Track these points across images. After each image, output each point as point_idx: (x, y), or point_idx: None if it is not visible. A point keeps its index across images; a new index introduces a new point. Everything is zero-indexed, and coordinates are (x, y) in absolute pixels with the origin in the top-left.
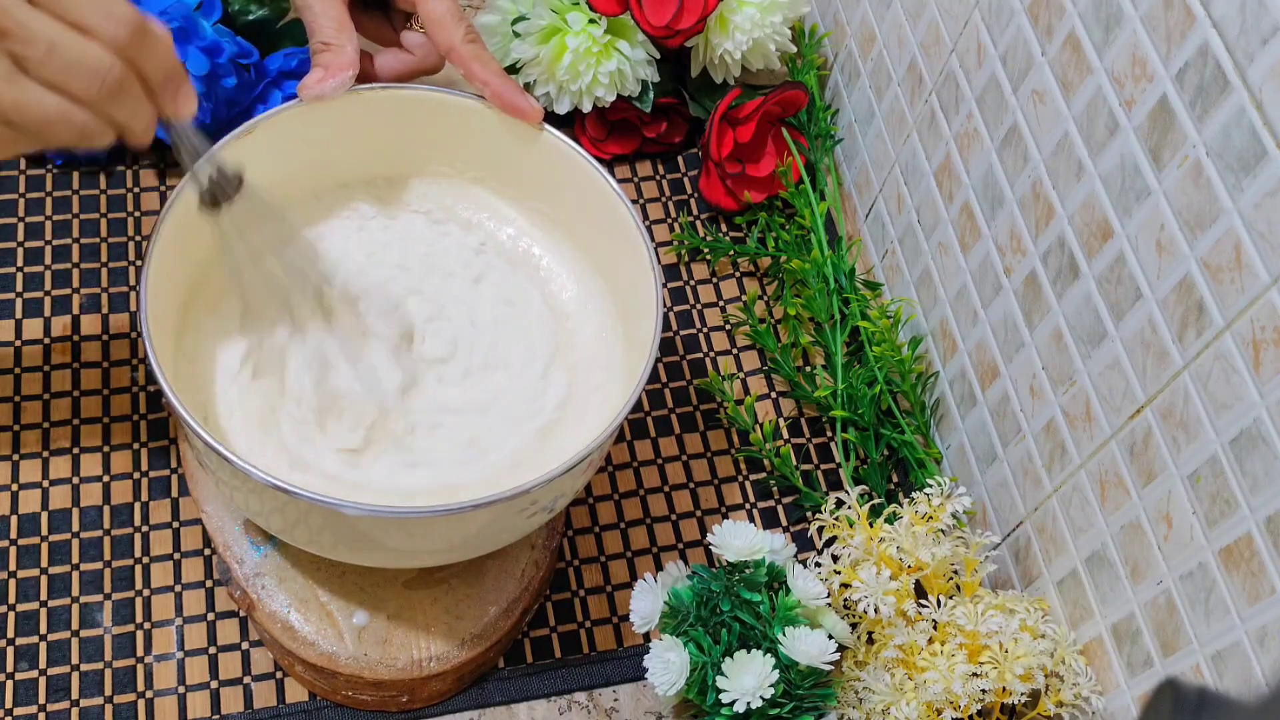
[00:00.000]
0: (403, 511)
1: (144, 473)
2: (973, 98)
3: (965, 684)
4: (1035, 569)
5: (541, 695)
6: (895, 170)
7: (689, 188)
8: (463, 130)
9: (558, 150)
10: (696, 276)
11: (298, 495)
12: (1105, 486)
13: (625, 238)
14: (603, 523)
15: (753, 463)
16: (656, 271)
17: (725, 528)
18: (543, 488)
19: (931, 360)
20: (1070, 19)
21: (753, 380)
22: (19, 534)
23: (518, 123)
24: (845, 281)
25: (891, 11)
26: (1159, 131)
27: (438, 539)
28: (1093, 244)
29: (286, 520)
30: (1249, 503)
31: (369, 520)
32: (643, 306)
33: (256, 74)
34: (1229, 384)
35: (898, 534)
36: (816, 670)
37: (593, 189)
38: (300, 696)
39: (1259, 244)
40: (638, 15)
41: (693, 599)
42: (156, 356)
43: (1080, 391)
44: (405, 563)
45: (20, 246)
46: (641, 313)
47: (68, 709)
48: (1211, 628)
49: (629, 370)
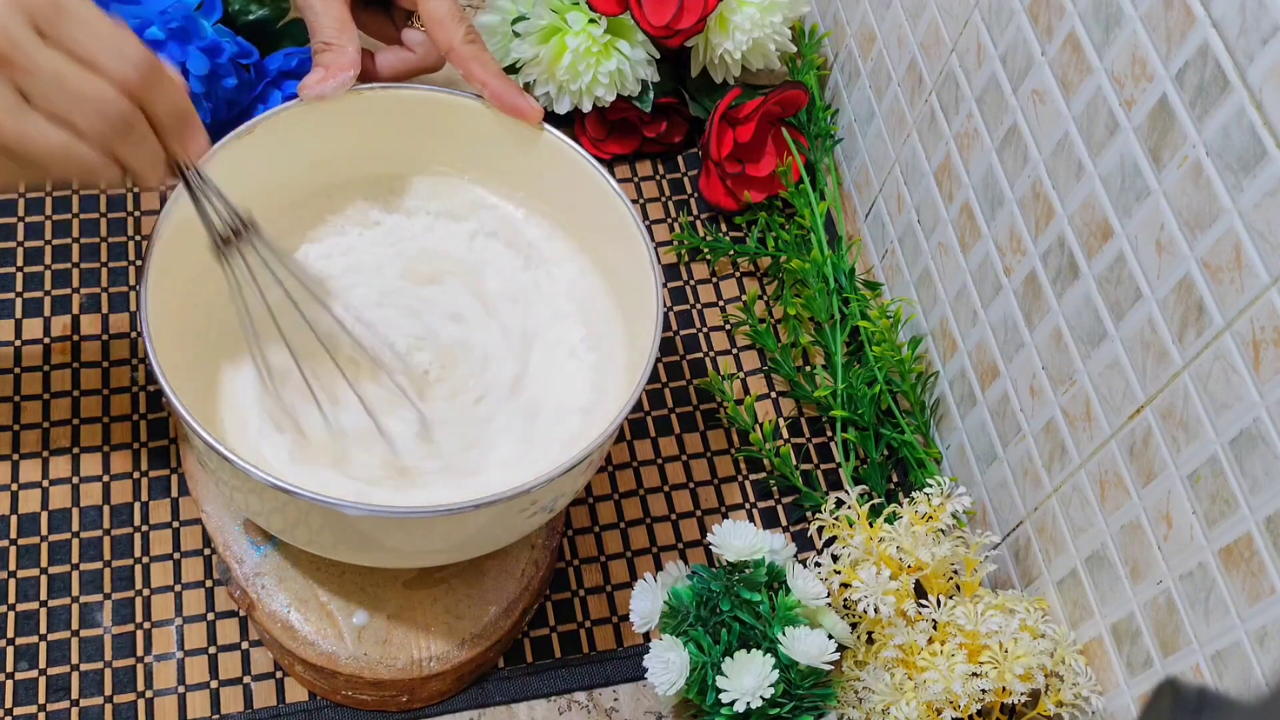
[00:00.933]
0: (402, 512)
1: (144, 473)
2: (973, 98)
3: (965, 684)
4: (1035, 569)
5: (541, 695)
6: (895, 170)
7: (689, 188)
8: (463, 130)
9: (558, 150)
10: (696, 276)
11: (298, 495)
12: (1105, 486)
13: (625, 237)
14: (603, 523)
15: (753, 463)
16: (656, 271)
17: (725, 528)
18: (543, 488)
19: (931, 360)
20: (1070, 19)
21: (753, 380)
22: (19, 534)
23: (518, 123)
24: (845, 281)
25: (891, 11)
26: (1159, 131)
27: (437, 539)
28: (1093, 244)
29: (287, 520)
30: (1249, 503)
31: (369, 520)
32: (643, 306)
33: (256, 74)
34: (1229, 384)
35: (898, 534)
36: (816, 670)
37: (593, 189)
38: (300, 696)
39: (1259, 244)
40: (638, 15)
41: (693, 599)
42: (157, 355)
43: (1080, 391)
44: (406, 563)
45: (20, 246)
46: (641, 313)
47: (68, 709)
48: (1211, 628)
49: (630, 370)
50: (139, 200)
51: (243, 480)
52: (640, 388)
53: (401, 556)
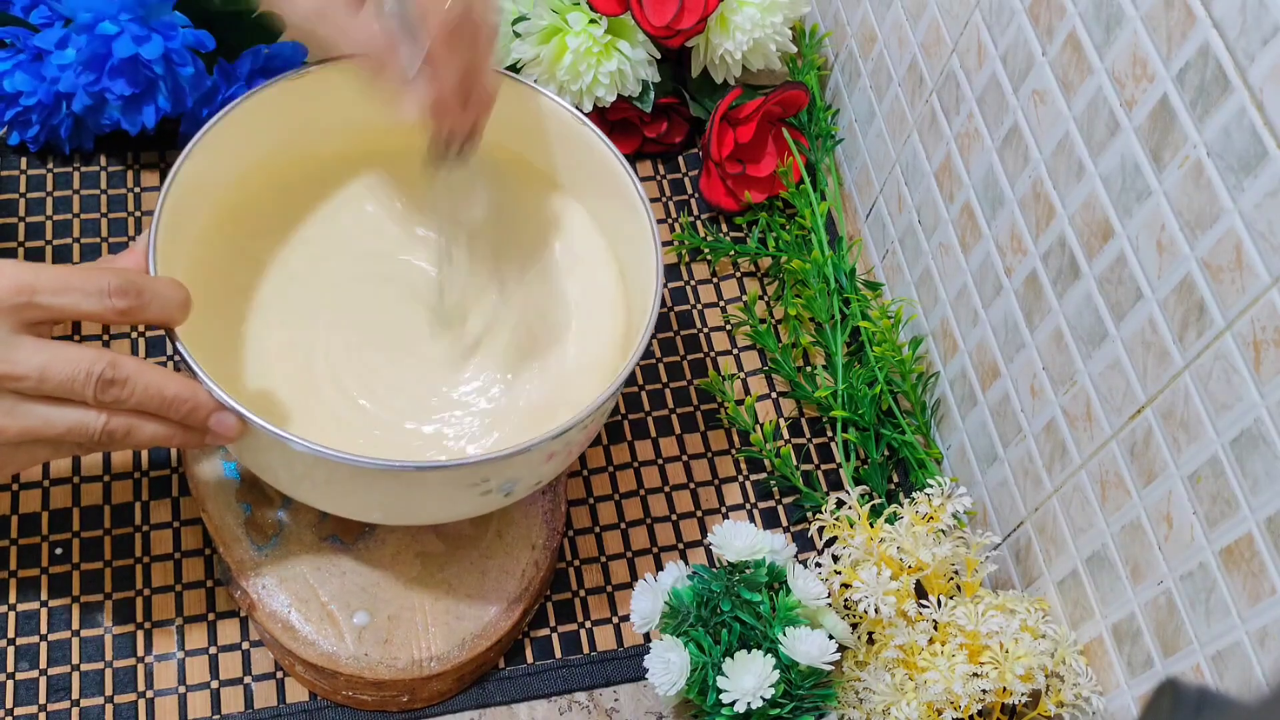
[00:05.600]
0: (346, 458)
1: (144, 473)
2: (973, 98)
3: (966, 684)
4: (1035, 569)
5: (542, 695)
6: (896, 170)
7: (689, 188)
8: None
9: (558, 117)
10: (697, 276)
11: (251, 421)
12: (1106, 487)
13: (621, 195)
14: (603, 523)
15: (753, 463)
16: (657, 252)
17: (725, 528)
18: (492, 464)
19: (932, 360)
20: (1071, 19)
21: (753, 380)
22: (19, 534)
23: (519, 91)
24: (846, 281)
25: (892, 11)
26: (1159, 132)
27: (378, 493)
28: (1093, 244)
29: (248, 449)
30: (1249, 503)
31: (311, 459)
32: (644, 283)
33: (223, 76)
34: (1229, 384)
35: (898, 534)
36: (817, 670)
37: (587, 149)
38: (301, 696)
39: (1259, 244)
40: (638, 15)
41: (693, 599)
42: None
43: (1081, 392)
44: (357, 515)
45: (21, 246)
46: (642, 289)
47: (68, 709)
48: (1212, 628)
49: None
50: (140, 200)
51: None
52: (621, 382)
53: (349, 506)
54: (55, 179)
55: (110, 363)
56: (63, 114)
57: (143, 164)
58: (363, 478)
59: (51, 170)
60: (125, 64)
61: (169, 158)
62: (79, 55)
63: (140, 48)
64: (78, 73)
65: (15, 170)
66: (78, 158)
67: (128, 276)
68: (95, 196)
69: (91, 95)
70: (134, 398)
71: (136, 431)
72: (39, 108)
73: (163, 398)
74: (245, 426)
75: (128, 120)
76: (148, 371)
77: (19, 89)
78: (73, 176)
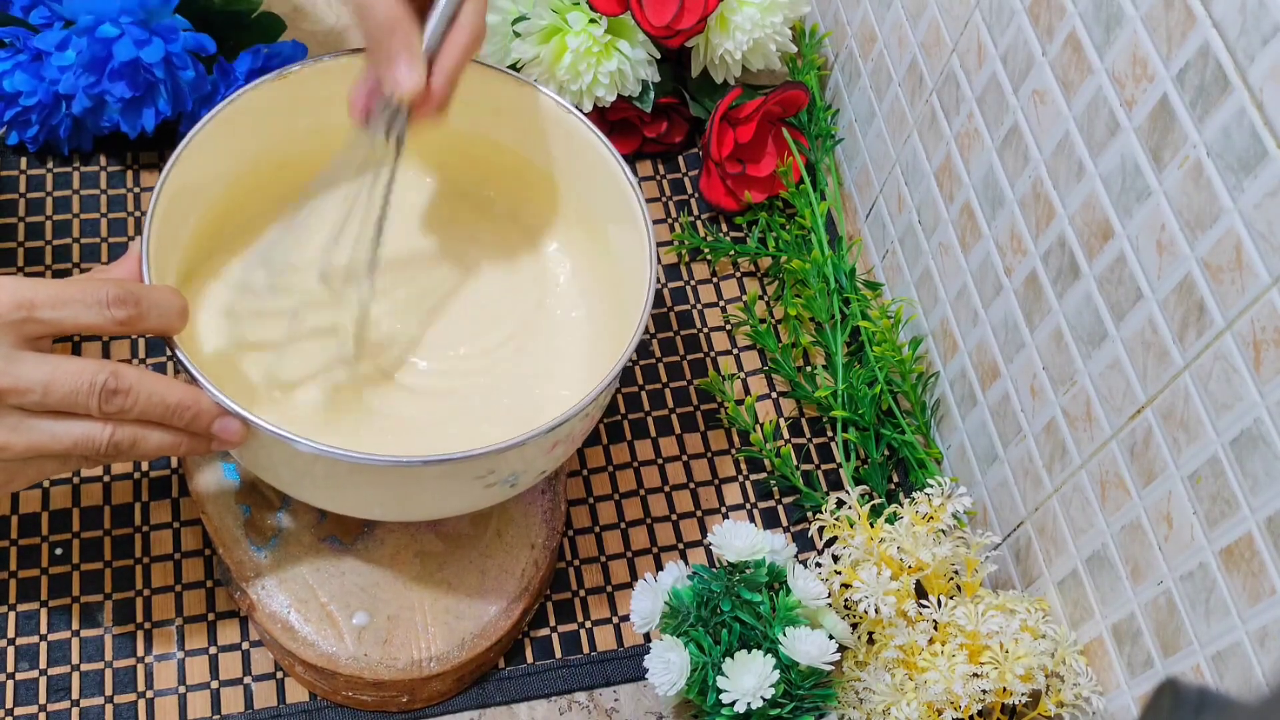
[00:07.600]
0: (347, 455)
1: (144, 473)
2: (973, 98)
3: (966, 684)
4: (1035, 569)
5: (542, 695)
6: (896, 170)
7: (689, 188)
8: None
9: (551, 113)
10: (697, 276)
11: (254, 424)
12: (1106, 487)
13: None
14: (603, 523)
15: (753, 463)
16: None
17: (725, 528)
18: (499, 455)
19: (932, 360)
20: (1071, 19)
21: (753, 380)
22: (19, 534)
23: (510, 84)
24: (846, 281)
25: (892, 11)
26: (1159, 132)
27: (382, 489)
28: (1093, 244)
29: (249, 449)
30: (1249, 503)
31: (310, 457)
32: (636, 278)
33: (222, 74)
34: (1229, 384)
35: (898, 534)
36: (817, 670)
37: (584, 146)
38: (300, 697)
39: (1259, 244)
40: (638, 15)
41: (693, 599)
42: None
43: (1081, 392)
44: (360, 512)
45: (21, 247)
46: (635, 280)
47: (68, 709)
48: (1212, 628)
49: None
50: (139, 201)
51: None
52: (621, 362)
53: (353, 504)
54: (55, 179)
55: (112, 373)
56: (62, 114)
57: (142, 164)
58: (364, 474)
59: (51, 170)
60: (126, 67)
61: (168, 158)
62: (79, 58)
63: (141, 51)
64: (78, 75)
65: (15, 170)
66: (77, 158)
67: (125, 287)
68: (95, 197)
69: (91, 98)
70: (137, 407)
71: (142, 442)
72: (38, 108)
73: (166, 405)
74: (248, 431)
75: (127, 123)
76: (149, 380)
77: (18, 89)
78: (72, 177)
